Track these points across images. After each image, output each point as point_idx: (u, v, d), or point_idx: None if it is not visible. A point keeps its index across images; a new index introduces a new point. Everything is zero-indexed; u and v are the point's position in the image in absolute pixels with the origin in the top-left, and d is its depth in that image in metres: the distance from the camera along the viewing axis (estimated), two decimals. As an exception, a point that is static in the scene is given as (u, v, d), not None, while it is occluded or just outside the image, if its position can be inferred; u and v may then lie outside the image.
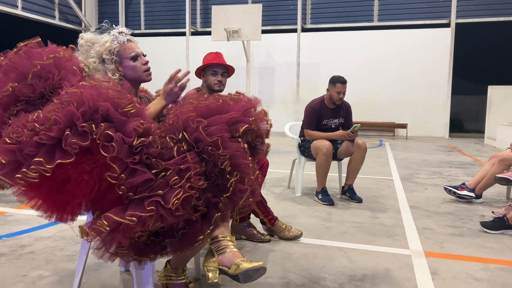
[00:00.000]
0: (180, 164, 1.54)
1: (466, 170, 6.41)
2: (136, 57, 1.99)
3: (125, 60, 1.97)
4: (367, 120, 13.90)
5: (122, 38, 1.97)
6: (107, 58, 1.93)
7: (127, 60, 1.97)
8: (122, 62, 1.96)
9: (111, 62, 1.94)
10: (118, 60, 1.96)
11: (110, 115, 1.50)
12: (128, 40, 1.99)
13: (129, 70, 1.98)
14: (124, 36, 1.98)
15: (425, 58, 13.65)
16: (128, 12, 16.62)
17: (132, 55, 1.98)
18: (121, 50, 1.96)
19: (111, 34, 1.96)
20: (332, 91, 4.17)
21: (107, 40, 1.94)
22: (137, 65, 1.99)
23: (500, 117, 11.17)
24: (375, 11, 14.44)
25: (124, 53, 1.96)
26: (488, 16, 13.48)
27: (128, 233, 1.47)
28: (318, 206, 3.99)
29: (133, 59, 1.98)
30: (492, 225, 3.22)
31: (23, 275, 2.29)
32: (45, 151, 1.43)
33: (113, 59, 1.94)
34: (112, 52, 1.94)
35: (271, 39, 14.73)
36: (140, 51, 2.01)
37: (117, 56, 1.95)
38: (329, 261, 2.58)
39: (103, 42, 1.93)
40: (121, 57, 1.96)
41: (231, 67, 2.90)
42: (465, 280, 2.33)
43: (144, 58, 2.02)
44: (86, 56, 1.94)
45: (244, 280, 1.76)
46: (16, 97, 1.78)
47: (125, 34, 2.00)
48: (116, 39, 1.95)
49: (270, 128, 1.85)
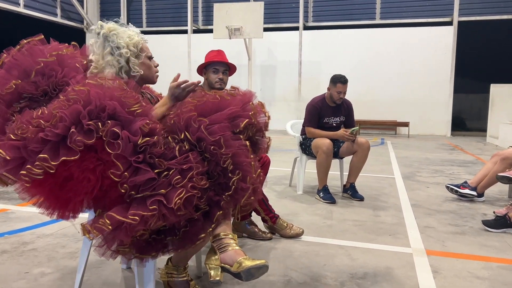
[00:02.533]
0: (183, 163, 1.55)
1: (468, 169, 6.41)
2: (151, 57, 2.03)
3: (144, 57, 1.97)
4: (369, 118, 13.88)
5: (142, 36, 1.98)
6: (133, 51, 1.91)
7: (145, 58, 1.99)
8: (141, 58, 1.96)
9: (136, 57, 1.93)
10: (140, 56, 1.95)
11: (117, 113, 1.50)
12: (145, 40, 2.01)
13: (145, 68, 1.98)
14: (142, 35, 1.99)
15: (427, 56, 13.61)
16: (130, 9, 16.62)
17: (149, 55, 2.01)
18: (143, 46, 1.97)
19: (132, 30, 1.95)
20: (333, 91, 4.16)
21: (132, 34, 1.92)
22: (152, 64, 2.02)
23: (502, 116, 11.14)
24: (377, 9, 14.40)
25: (144, 51, 1.98)
26: (491, 14, 13.44)
27: (130, 232, 1.48)
28: (319, 204, 3.99)
29: (149, 58, 2.01)
30: (494, 223, 3.21)
31: (25, 272, 2.30)
32: (50, 147, 1.43)
33: (138, 54, 1.93)
34: (137, 46, 1.93)
35: (273, 37, 14.71)
36: (151, 54, 2.04)
37: (141, 52, 1.95)
38: (331, 259, 2.58)
39: (128, 34, 1.91)
40: (142, 53, 1.96)
41: (233, 65, 2.89)
42: (466, 279, 2.33)
43: (154, 61, 2.06)
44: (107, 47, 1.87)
45: (246, 278, 1.76)
46: (19, 94, 1.78)
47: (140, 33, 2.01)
48: (139, 35, 1.96)
49: (268, 120, 1.86)
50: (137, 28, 2.02)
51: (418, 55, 13.67)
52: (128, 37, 1.91)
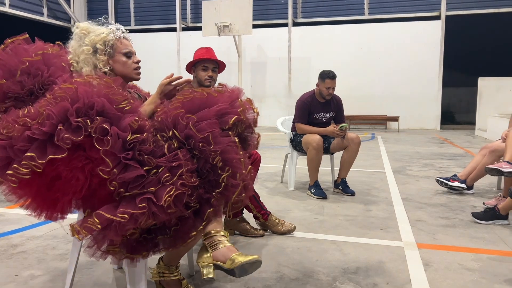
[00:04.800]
0: (172, 161, 1.53)
1: (457, 162, 6.46)
2: (129, 54, 1.99)
3: (117, 54, 1.95)
4: (359, 113, 13.94)
5: (119, 33, 1.97)
6: (100, 49, 1.90)
7: (120, 55, 1.96)
8: (114, 55, 1.94)
9: (104, 54, 1.92)
10: (111, 53, 1.93)
11: (105, 110, 1.48)
12: (123, 37, 1.99)
13: (119, 65, 1.96)
14: (121, 32, 1.98)
15: (416, 51, 13.70)
16: (118, 8, 16.48)
17: (125, 51, 1.97)
18: (116, 44, 1.95)
19: (108, 27, 1.95)
20: (322, 87, 4.17)
21: (103, 31, 1.92)
22: (128, 61, 1.98)
23: (490, 109, 11.27)
24: (366, 4, 14.44)
25: (118, 48, 1.95)
26: (478, 8, 13.55)
27: (120, 231, 1.46)
28: (311, 200, 4.00)
29: (125, 55, 1.97)
30: (483, 215, 3.25)
31: (14, 275, 2.27)
32: (37, 146, 1.41)
33: (107, 50, 1.92)
34: (106, 44, 1.92)
35: (262, 33, 14.69)
36: (134, 50, 2.01)
37: (111, 49, 1.93)
38: (323, 255, 2.59)
39: (99, 32, 1.91)
40: (114, 50, 1.94)
41: (222, 62, 2.88)
42: (457, 271, 2.35)
43: (136, 57, 2.02)
44: (79, 44, 1.90)
45: (240, 274, 1.76)
46: (4, 94, 1.76)
47: (121, 29, 2.00)
48: (113, 33, 1.94)
49: (257, 116, 1.86)
50: (123, 26, 2.01)
51: (407, 50, 13.75)
52: (96, 35, 1.90)
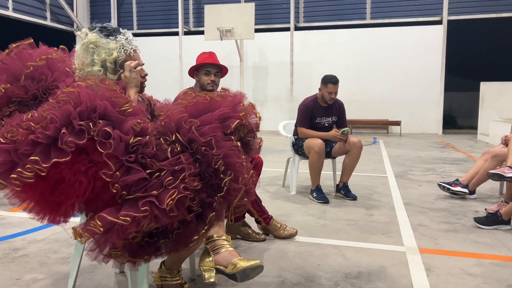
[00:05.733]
0: (175, 165, 1.54)
1: (459, 166, 6.45)
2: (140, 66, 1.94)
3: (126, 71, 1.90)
4: (361, 117, 13.93)
5: (129, 47, 1.91)
6: (110, 68, 1.87)
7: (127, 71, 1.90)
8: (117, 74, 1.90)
9: (113, 73, 1.88)
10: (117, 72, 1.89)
11: (108, 113, 1.49)
12: (134, 51, 1.94)
13: None
14: (131, 46, 1.92)
15: (417, 55, 13.70)
16: (120, 12, 16.55)
17: None
18: (126, 59, 1.90)
19: (118, 41, 1.88)
20: (324, 91, 4.17)
21: (113, 48, 1.85)
22: None
23: (492, 113, 11.24)
24: (368, 9, 14.47)
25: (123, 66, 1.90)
26: (480, 13, 13.55)
27: (122, 234, 1.46)
28: (312, 204, 3.99)
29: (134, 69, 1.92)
30: (485, 220, 3.24)
31: (16, 279, 2.28)
32: (41, 150, 1.42)
33: (117, 70, 1.89)
34: (116, 63, 1.88)
35: (264, 38, 14.71)
36: (142, 62, 1.96)
37: (121, 67, 1.89)
38: (324, 259, 2.58)
39: (108, 49, 1.85)
40: (123, 66, 1.90)
41: (225, 67, 2.89)
42: (459, 276, 2.34)
43: (144, 70, 1.96)
44: (89, 60, 1.85)
45: (241, 279, 1.76)
46: (8, 98, 1.77)
47: (130, 41, 1.93)
48: (122, 48, 1.89)
49: (259, 120, 1.86)
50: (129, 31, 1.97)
51: (409, 54, 13.75)
52: (107, 52, 1.85)
